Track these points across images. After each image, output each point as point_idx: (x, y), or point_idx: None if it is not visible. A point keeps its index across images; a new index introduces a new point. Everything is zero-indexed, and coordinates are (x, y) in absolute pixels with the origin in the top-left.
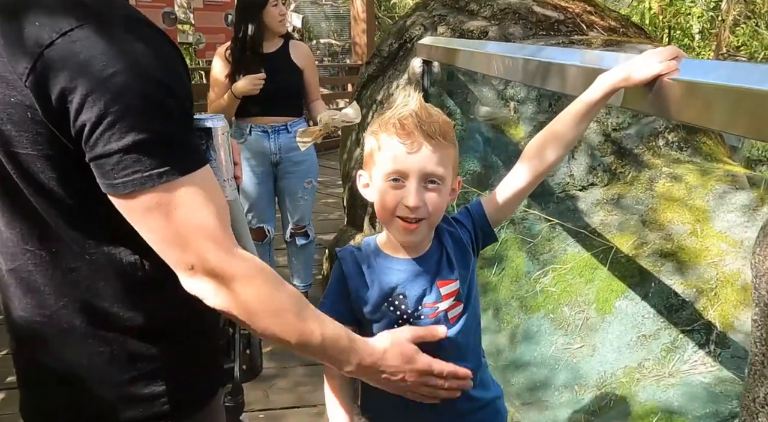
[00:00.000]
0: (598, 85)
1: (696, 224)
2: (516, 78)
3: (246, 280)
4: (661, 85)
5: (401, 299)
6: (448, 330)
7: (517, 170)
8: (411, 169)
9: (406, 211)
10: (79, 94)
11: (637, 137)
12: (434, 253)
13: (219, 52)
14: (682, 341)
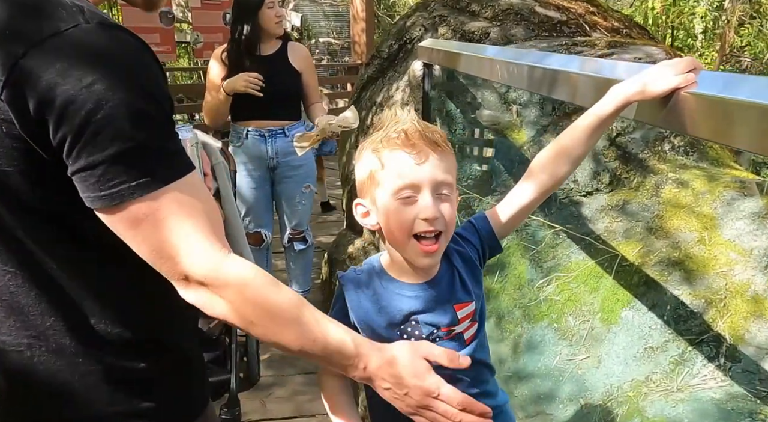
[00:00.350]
0: (611, 98)
1: (704, 232)
2: (521, 85)
3: (239, 286)
4: (678, 99)
5: (414, 325)
6: (465, 350)
7: (523, 185)
8: (423, 180)
9: (424, 225)
10: (58, 104)
11: (642, 142)
12: (445, 275)
13: (215, 55)
14: (690, 354)
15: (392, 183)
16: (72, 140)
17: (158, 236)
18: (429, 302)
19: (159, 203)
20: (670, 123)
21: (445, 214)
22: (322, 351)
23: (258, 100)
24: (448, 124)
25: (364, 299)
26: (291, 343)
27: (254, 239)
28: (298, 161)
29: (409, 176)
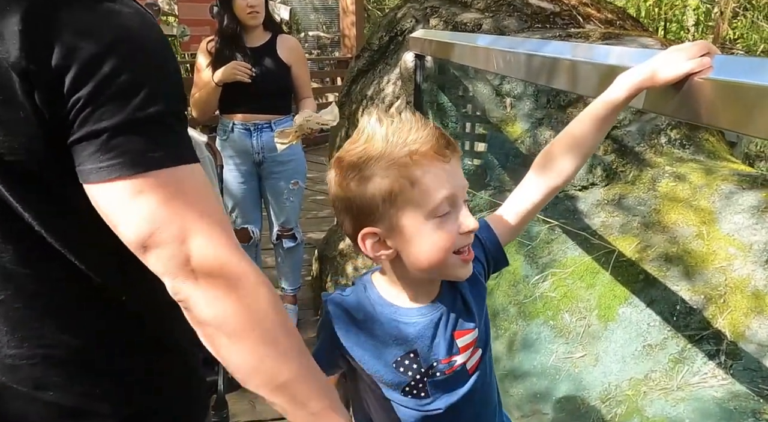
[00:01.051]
0: (620, 86)
1: (702, 226)
2: (518, 75)
3: (254, 285)
4: (691, 86)
5: (412, 358)
6: (468, 382)
7: (528, 185)
8: (459, 189)
9: (467, 239)
10: (85, 54)
11: (638, 135)
12: (447, 297)
13: (202, 47)
14: (690, 351)
15: (431, 200)
16: (90, 94)
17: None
18: (427, 329)
19: (168, 181)
20: (682, 112)
21: None
22: (289, 397)
23: (244, 93)
24: (440, 117)
25: (354, 327)
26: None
27: (242, 235)
28: (286, 156)
29: (447, 190)
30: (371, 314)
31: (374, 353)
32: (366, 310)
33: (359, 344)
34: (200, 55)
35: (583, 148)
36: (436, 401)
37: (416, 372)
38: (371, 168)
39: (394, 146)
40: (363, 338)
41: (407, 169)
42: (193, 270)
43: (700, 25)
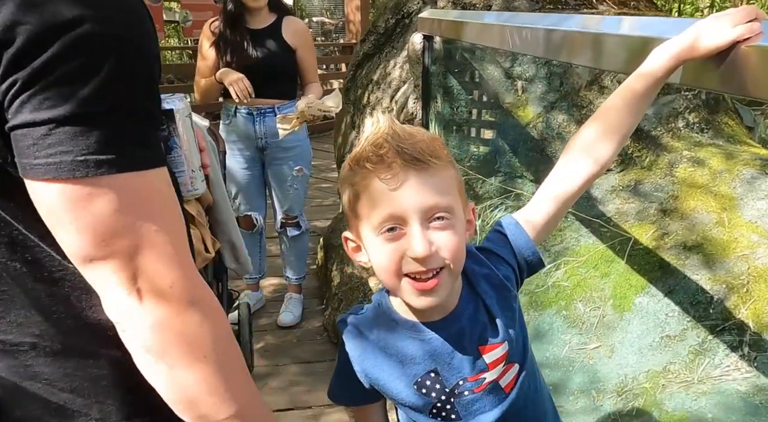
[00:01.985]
0: (658, 58)
1: (722, 213)
2: (536, 52)
3: (206, 313)
4: (738, 55)
5: (433, 378)
6: (505, 401)
7: (561, 175)
8: (406, 209)
9: (414, 265)
10: (31, 29)
11: (655, 118)
12: (467, 307)
13: (205, 29)
14: (711, 343)
15: (372, 216)
16: (28, 79)
17: (114, 221)
18: (446, 345)
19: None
20: (726, 85)
21: (445, 246)
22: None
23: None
24: (449, 101)
25: (370, 348)
26: (217, 413)
27: (245, 222)
28: (290, 142)
29: (389, 206)
30: (387, 332)
31: (394, 374)
32: (382, 328)
33: (377, 366)
34: (203, 38)
35: (621, 129)
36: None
37: (440, 393)
38: (342, 173)
39: (355, 154)
40: (380, 359)
41: (351, 180)
42: (139, 289)
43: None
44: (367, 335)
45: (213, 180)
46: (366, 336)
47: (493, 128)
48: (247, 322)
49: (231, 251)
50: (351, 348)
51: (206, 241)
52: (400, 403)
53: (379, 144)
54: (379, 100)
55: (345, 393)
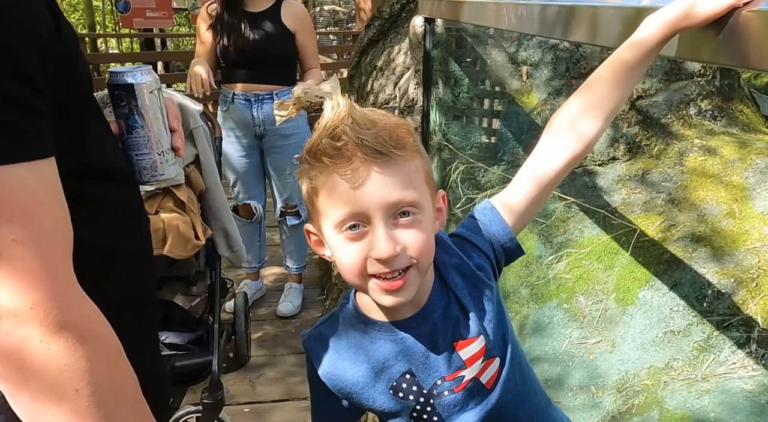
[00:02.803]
0: (649, 26)
1: (733, 204)
2: (531, 30)
3: (82, 338)
4: (738, 22)
5: (409, 380)
6: (489, 398)
7: (542, 155)
8: (368, 206)
9: (378, 266)
10: None
11: (665, 105)
12: (439, 302)
13: (202, 12)
14: (717, 339)
15: (332, 214)
16: None
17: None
18: (419, 345)
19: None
20: (724, 55)
21: (411, 244)
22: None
23: (244, 62)
24: (451, 86)
25: (339, 358)
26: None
27: (244, 211)
28: (289, 130)
29: (349, 205)
30: (356, 336)
31: (368, 381)
32: (350, 333)
33: (349, 376)
34: (200, 20)
35: (608, 104)
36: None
37: (418, 395)
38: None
39: (311, 144)
40: (352, 367)
41: (309, 173)
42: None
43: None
44: (333, 345)
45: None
46: (333, 347)
47: (496, 115)
48: (243, 312)
49: (224, 238)
50: (318, 363)
51: (197, 228)
52: (380, 412)
53: (337, 136)
54: (383, 87)
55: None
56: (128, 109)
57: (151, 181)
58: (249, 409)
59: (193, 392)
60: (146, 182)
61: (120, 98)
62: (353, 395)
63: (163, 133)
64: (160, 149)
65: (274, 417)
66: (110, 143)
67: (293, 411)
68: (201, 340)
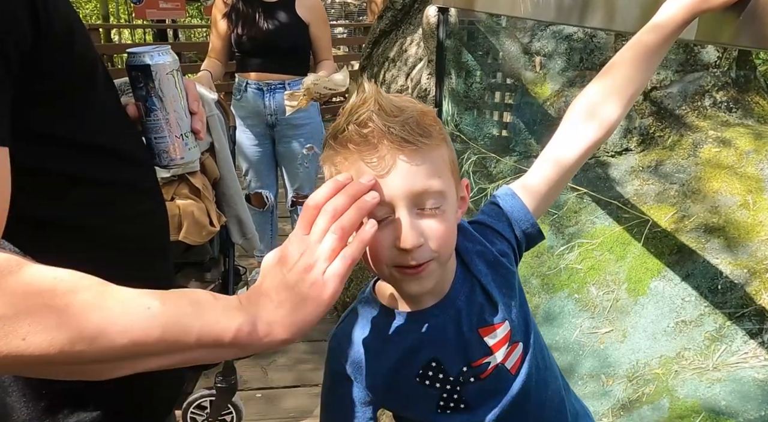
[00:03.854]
0: (670, 9)
1: (747, 195)
2: (548, 17)
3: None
4: (758, 4)
5: (435, 367)
6: (514, 385)
7: (562, 140)
8: (394, 195)
9: (402, 257)
10: None
11: (680, 97)
12: (462, 289)
13: (218, 1)
14: (729, 329)
15: None
16: None
17: None
18: (444, 332)
19: None
20: (743, 38)
21: (434, 235)
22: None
23: (258, 52)
24: (463, 77)
25: (363, 350)
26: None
27: (256, 200)
28: (300, 119)
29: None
30: (380, 328)
31: (394, 373)
32: (372, 329)
33: (376, 372)
34: (215, 10)
35: (629, 88)
36: (481, 412)
37: (445, 383)
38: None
39: (335, 130)
40: (376, 361)
41: (333, 160)
42: None
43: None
44: (357, 339)
45: (219, 153)
46: (357, 341)
47: (509, 106)
48: None
49: (238, 226)
50: (345, 359)
51: (211, 215)
52: (407, 405)
53: (363, 122)
54: (395, 78)
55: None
56: (146, 91)
57: (170, 165)
58: (261, 395)
59: (206, 377)
60: (165, 165)
61: (138, 80)
62: (380, 388)
63: (182, 115)
64: (179, 132)
65: (286, 403)
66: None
67: (304, 397)
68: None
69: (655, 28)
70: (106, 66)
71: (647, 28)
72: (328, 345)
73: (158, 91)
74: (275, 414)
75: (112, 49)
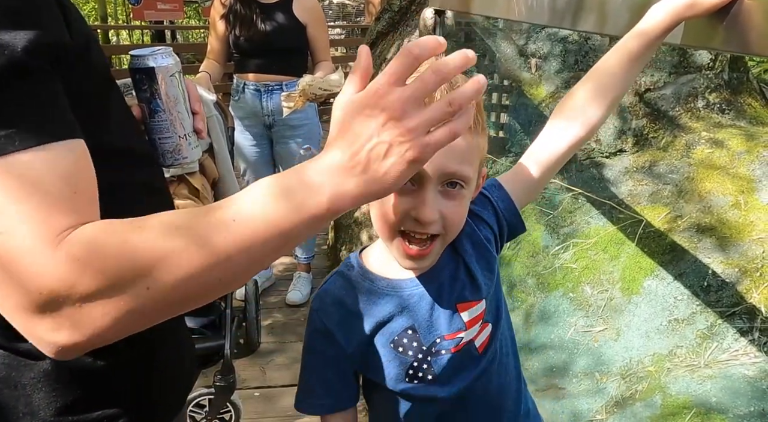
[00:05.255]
0: (655, 15)
1: (739, 196)
2: (542, 21)
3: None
4: (741, 10)
5: (410, 335)
6: (480, 364)
7: (548, 136)
8: (426, 169)
9: (414, 225)
10: None
11: (673, 98)
12: (447, 265)
13: (216, 2)
14: (720, 327)
15: None
16: None
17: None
18: (426, 301)
19: None
20: (728, 43)
21: (448, 215)
22: (253, 245)
23: (256, 53)
24: None
25: (345, 311)
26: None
27: None
28: (297, 120)
29: None
30: (363, 293)
31: (371, 335)
32: (357, 290)
33: (354, 333)
34: (214, 11)
35: (613, 91)
36: (445, 386)
37: (417, 351)
38: None
39: None
40: (357, 322)
41: None
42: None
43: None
44: (341, 300)
45: (218, 153)
46: (340, 302)
47: (505, 107)
48: (253, 299)
49: None
50: (327, 317)
51: None
52: (379, 368)
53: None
54: None
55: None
56: (150, 93)
57: (174, 164)
58: (259, 393)
59: (205, 375)
60: (170, 165)
61: (141, 82)
62: (357, 350)
63: (185, 116)
64: (182, 132)
65: (284, 401)
66: (129, 125)
67: None
68: (213, 325)
69: (639, 35)
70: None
71: (631, 34)
72: (311, 306)
73: (162, 93)
74: (273, 413)
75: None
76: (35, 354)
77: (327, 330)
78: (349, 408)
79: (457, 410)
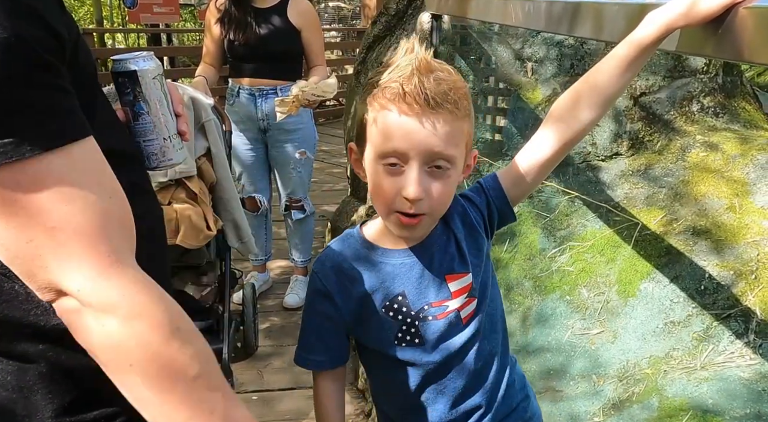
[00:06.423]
0: (650, 23)
1: (734, 199)
2: (538, 26)
3: (130, 314)
4: (736, 19)
5: (400, 300)
6: (463, 333)
7: (542, 136)
8: (413, 149)
9: (404, 205)
10: None
11: (668, 102)
12: (439, 239)
13: (211, 5)
14: (716, 329)
15: (379, 144)
16: None
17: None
18: (414, 269)
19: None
20: (722, 50)
21: (434, 194)
22: None
23: (250, 57)
24: None
25: (344, 278)
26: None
27: (250, 204)
28: (293, 125)
29: (395, 142)
30: (360, 259)
31: (366, 301)
32: (354, 256)
33: (351, 295)
34: (209, 14)
35: (605, 96)
36: (432, 351)
37: (406, 316)
38: (366, 90)
39: (383, 77)
40: (353, 287)
41: (372, 104)
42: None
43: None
44: (340, 263)
45: (216, 157)
46: (340, 264)
47: (502, 111)
48: (251, 302)
49: (234, 230)
50: (326, 278)
51: (208, 219)
52: (371, 329)
53: (408, 78)
54: None
55: (317, 345)
56: (133, 96)
57: (159, 166)
58: (257, 397)
59: None
60: (155, 167)
61: (124, 85)
62: (352, 311)
63: (168, 118)
64: (166, 134)
65: (282, 405)
66: (117, 126)
67: (300, 399)
68: (211, 329)
69: (633, 42)
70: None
71: (625, 42)
72: (312, 269)
73: (145, 96)
74: (271, 416)
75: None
76: (31, 357)
77: (326, 291)
78: (338, 367)
79: (441, 375)
